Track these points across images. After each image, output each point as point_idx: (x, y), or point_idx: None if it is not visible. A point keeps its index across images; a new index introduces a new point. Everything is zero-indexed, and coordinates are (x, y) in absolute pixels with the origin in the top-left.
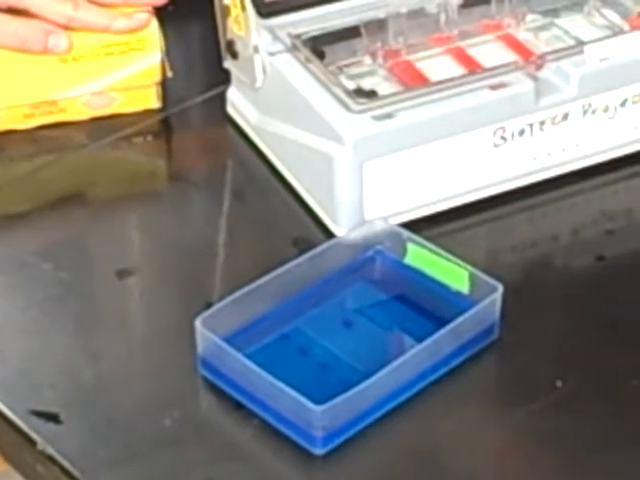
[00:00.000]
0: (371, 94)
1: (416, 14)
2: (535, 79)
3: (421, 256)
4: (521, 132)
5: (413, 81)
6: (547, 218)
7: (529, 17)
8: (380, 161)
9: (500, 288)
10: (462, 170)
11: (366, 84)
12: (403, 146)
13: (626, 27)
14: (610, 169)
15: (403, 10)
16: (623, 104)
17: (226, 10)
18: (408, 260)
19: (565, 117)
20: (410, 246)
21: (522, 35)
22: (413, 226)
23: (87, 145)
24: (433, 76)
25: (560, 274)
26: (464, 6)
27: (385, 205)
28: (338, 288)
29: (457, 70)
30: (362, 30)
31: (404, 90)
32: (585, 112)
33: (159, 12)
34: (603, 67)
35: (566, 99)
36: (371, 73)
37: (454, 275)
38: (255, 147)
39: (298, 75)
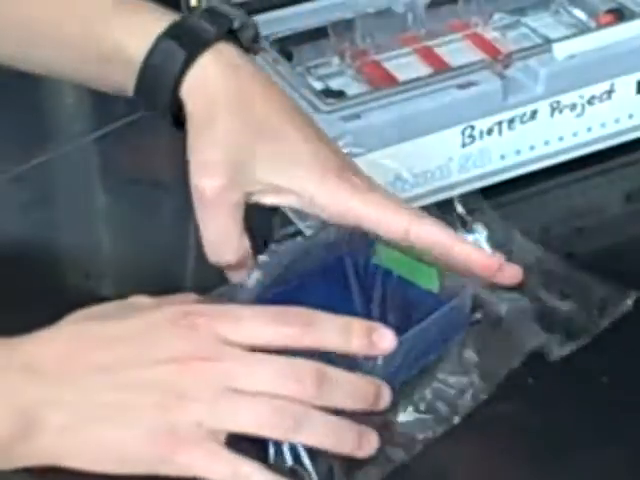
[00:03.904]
0: (339, 94)
1: (383, 14)
2: (503, 78)
3: (389, 256)
4: (489, 131)
5: (381, 81)
6: (517, 216)
7: (496, 16)
8: None
9: (469, 287)
10: (431, 169)
11: (334, 84)
12: (372, 146)
13: (593, 25)
14: (579, 167)
15: (370, 10)
16: (591, 102)
17: (193, 12)
18: (376, 260)
19: (533, 115)
20: (378, 246)
21: (489, 34)
22: None
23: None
24: (401, 76)
25: None
26: (431, 6)
27: None
28: (307, 290)
29: (425, 69)
30: (330, 31)
31: (372, 90)
32: (553, 110)
33: None
34: (570, 65)
35: (534, 97)
36: (339, 73)
37: (423, 274)
38: None
39: None
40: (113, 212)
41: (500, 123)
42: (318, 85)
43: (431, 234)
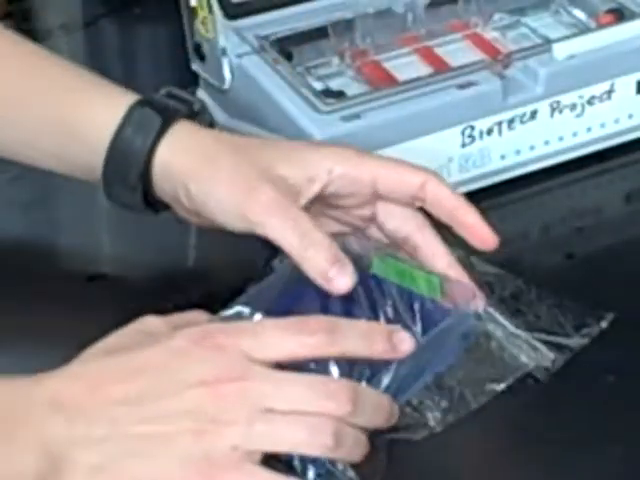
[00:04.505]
0: (339, 95)
1: (383, 14)
2: (503, 78)
3: (388, 266)
4: (489, 131)
5: (381, 81)
6: (516, 216)
7: (496, 16)
8: None
9: (483, 295)
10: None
11: (334, 85)
12: (371, 146)
13: (593, 25)
14: (579, 167)
15: (370, 10)
16: (590, 102)
17: (193, 12)
18: (374, 270)
19: (533, 115)
20: (375, 257)
21: (489, 34)
22: None
23: None
24: (401, 76)
25: (530, 272)
26: (431, 6)
27: None
28: (306, 304)
29: (425, 70)
30: (330, 31)
31: (372, 90)
32: (553, 110)
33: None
34: (570, 65)
35: (534, 97)
36: (339, 74)
37: (424, 282)
38: None
39: (266, 76)
40: (114, 212)
41: (500, 123)
42: (318, 85)
43: (444, 193)
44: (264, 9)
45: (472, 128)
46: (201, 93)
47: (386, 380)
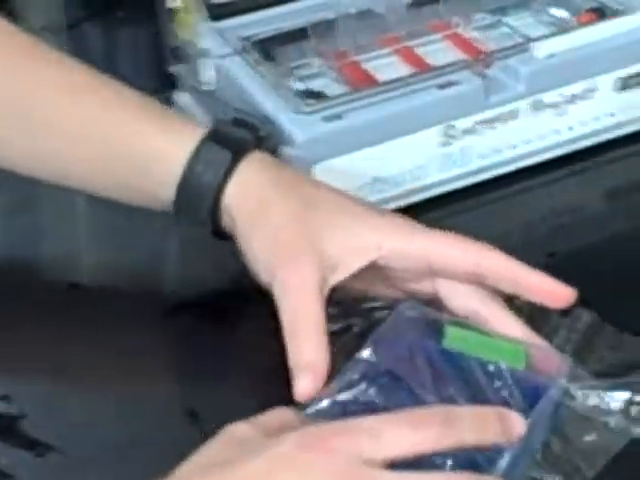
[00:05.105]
0: (320, 95)
1: (364, 15)
2: (484, 77)
3: (461, 337)
4: (470, 130)
5: (362, 82)
6: (498, 215)
7: (477, 16)
8: (331, 162)
9: (568, 358)
10: (412, 169)
11: (315, 85)
12: (353, 147)
13: (574, 23)
14: (560, 165)
15: (352, 11)
16: (572, 100)
17: (172, 14)
18: (450, 343)
19: (514, 115)
20: (447, 327)
21: (470, 34)
22: None
23: None
24: (382, 76)
25: None
26: (412, 6)
27: None
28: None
29: (406, 70)
30: (311, 32)
31: (353, 91)
32: (534, 109)
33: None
34: (551, 64)
35: (515, 96)
36: (320, 74)
37: (506, 351)
38: None
39: (248, 78)
40: (95, 219)
41: (481, 123)
42: (299, 86)
43: (502, 264)
44: (246, 10)
45: (453, 127)
46: (182, 95)
47: (502, 464)
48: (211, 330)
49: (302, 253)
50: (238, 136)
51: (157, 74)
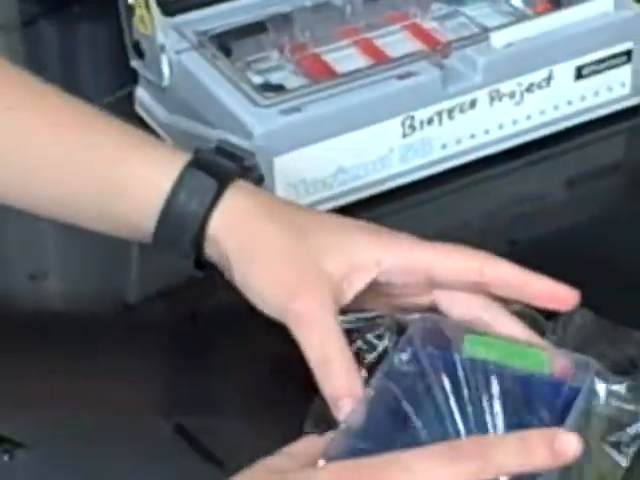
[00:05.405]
0: (279, 88)
1: (322, 7)
2: (442, 67)
3: (483, 343)
4: (430, 121)
5: (321, 74)
6: (459, 205)
7: (434, 6)
8: (291, 155)
9: (592, 363)
10: (372, 160)
11: (274, 79)
12: (313, 139)
13: (530, 13)
14: (519, 154)
15: (308, 4)
16: (529, 89)
17: (131, 10)
18: (468, 353)
19: (473, 104)
20: (468, 336)
21: (428, 24)
22: None
23: None
24: (340, 68)
25: None
26: None
27: (297, 198)
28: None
29: (364, 61)
30: (268, 25)
31: (312, 83)
32: (492, 99)
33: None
34: (508, 53)
35: (473, 86)
36: (279, 68)
37: (529, 357)
38: None
39: (205, 72)
40: None
41: (440, 113)
42: (257, 79)
43: (506, 271)
44: (202, 5)
45: (412, 118)
46: (141, 90)
47: None
48: (176, 322)
49: (312, 282)
50: (223, 164)
51: (118, 70)
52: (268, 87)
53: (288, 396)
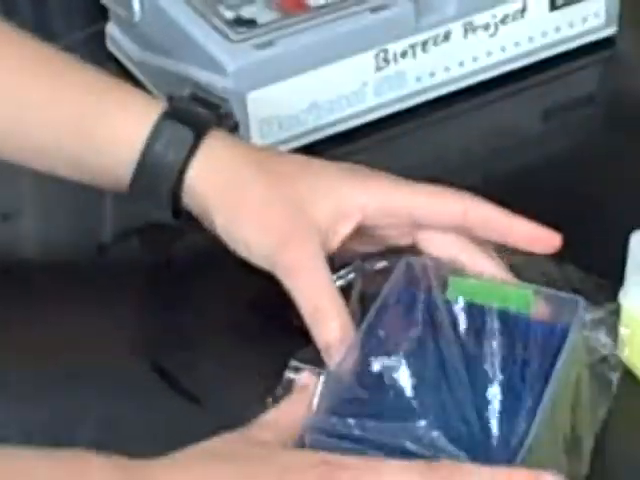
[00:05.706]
0: (251, 23)
1: None
2: (415, 0)
3: (467, 286)
4: (403, 54)
5: (293, 8)
6: (435, 139)
7: None
8: (265, 90)
9: (581, 302)
10: (346, 94)
11: (246, 13)
12: (287, 74)
13: None
14: (495, 87)
15: None
16: (504, 21)
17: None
18: (454, 293)
19: (447, 37)
20: (452, 278)
21: None
22: (304, 152)
23: None
24: (313, 2)
25: None
26: None
27: (271, 134)
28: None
29: None
30: None
31: (284, 17)
32: (466, 31)
33: None
34: None
35: (446, 18)
36: (250, 2)
37: (514, 296)
38: (139, 83)
39: (176, 7)
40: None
41: (414, 46)
42: (229, 14)
43: (489, 214)
44: None
45: (386, 51)
46: (112, 27)
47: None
48: (150, 262)
49: (301, 231)
50: (198, 113)
51: (88, 6)
52: (240, 22)
53: (265, 334)
